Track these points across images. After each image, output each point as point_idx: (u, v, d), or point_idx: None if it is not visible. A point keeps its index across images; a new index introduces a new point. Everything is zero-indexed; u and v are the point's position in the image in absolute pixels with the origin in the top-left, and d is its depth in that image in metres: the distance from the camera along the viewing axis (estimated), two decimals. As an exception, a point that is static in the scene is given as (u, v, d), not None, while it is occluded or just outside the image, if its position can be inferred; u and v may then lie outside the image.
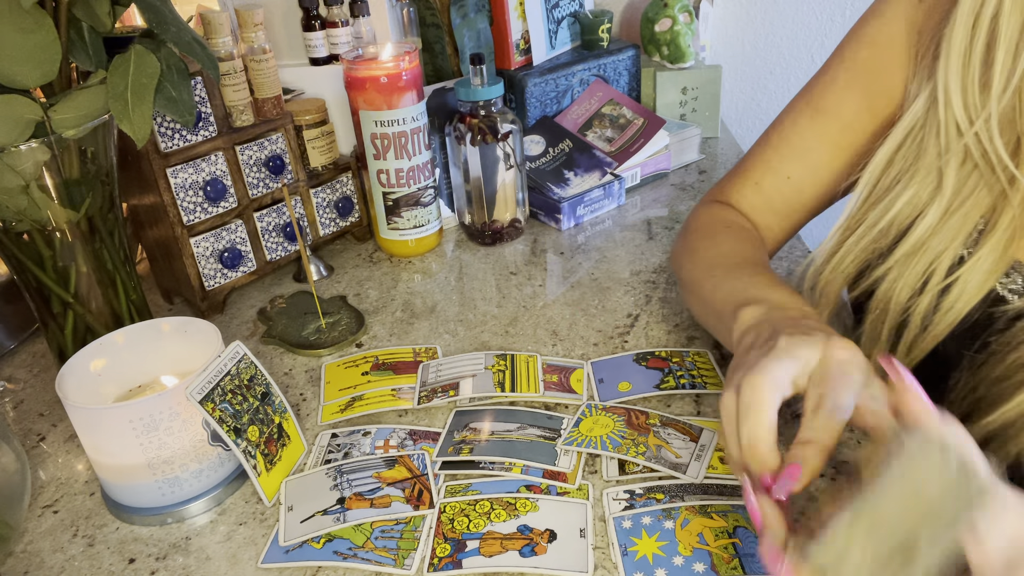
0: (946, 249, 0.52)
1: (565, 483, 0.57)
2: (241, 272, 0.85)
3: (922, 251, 0.52)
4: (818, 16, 1.32)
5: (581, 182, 0.99)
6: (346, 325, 0.79)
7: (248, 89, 0.81)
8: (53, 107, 0.58)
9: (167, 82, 0.61)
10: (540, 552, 0.51)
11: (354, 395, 0.69)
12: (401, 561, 0.52)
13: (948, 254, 0.52)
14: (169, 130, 0.75)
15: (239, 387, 0.58)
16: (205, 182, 0.79)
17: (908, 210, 0.53)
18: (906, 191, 0.53)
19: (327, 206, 0.91)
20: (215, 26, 0.76)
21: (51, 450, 0.67)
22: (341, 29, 0.89)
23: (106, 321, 0.70)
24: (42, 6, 0.55)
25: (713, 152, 1.17)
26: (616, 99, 1.08)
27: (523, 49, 1.08)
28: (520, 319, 0.79)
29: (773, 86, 1.39)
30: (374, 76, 0.82)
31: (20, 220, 0.63)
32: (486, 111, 0.88)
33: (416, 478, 0.58)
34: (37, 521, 0.59)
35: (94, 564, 0.55)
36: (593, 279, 0.86)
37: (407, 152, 0.87)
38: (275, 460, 0.60)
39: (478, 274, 0.89)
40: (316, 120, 0.87)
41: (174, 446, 0.56)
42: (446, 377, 0.70)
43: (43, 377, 0.77)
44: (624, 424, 0.61)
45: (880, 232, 0.55)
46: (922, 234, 0.52)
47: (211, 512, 0.58)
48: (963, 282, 0.51)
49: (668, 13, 1.15)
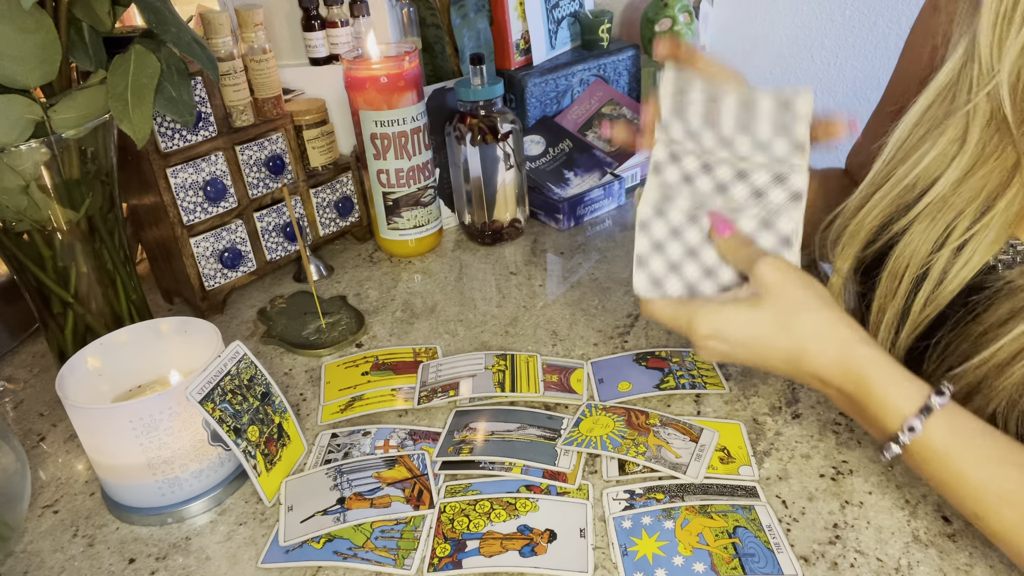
0: (968, 207, 0.53)
1: (565, 483, 0.57)
2: (241, 272, 0.85)
3: (945, 207, 0.54)
4: (818, 16, 1.32)
5: (581, 182, 0.99)
6: (346, 325, 0.79)
7: (248, 89, 0.81)
8: (53, 107, 0.58)
9: (167, 82, 0.61)
10: (540, 552, 0.51)
11: (354, 395, 0.69)
12: (401, 561, 0.52)
13: (969, 211, 0.53)
14: (169, 130, 0.75)
15: (239, 387, 0.58)
16: (205, 182, 0.79)
17: (935, 166, 0.54)
18: (934, 148, 0.54)
19: (327, 206, 0.91)
20: (215, 26, 0.76)
21: (51, 450, 0.67)
22: (341, 29, 0.89)
23: (106, 321, 0.70)
24: (42, 6, 0.55)
25: (713, 152, 1.17)
26: (616, 99, 1.08)
27: (523, 49, 1.08)
28: (520, 319, 0.79)
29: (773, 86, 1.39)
30: (374, 76, 0.82)
31: (20, 220, 0.63)
32: (486, 111, 0.88)
33: (416, 478, 0.58)
34: (37, 521, 0.59)
35: (94, 564, 0.55)
36: (593, 279, 0.86)
37: (407, 152, 0.87)
38: (275, 460, 0.60)
39: (478, 274, 0.89)
40: (316, 120, 0.87)
41: (174, 446, 0.56)
42: (446, 377, 0.70)
43: (43, 377, 0.77)
44: (624, 424, 0.61)
45: (906, 187, 0.56)
46: (947, 191, 0.54)
47: (211, 512, 0.58)
48: (977, 240, 0.52)
49: (668, 13, 1.15)
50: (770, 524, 0.52)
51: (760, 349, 0.52)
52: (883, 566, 0.49)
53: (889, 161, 0.58)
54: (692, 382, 0.67)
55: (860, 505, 0.54)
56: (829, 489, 0.56)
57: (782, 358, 0.51)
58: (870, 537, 0.51)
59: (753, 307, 0.51)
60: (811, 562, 0.50)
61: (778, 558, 0.50)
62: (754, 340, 0.51)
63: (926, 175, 0.55)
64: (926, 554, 0.50)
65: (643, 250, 0.57)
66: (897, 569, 0.49)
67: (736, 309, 0.52)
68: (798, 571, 0.49)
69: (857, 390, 0.49)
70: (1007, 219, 0.52)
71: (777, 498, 0.55)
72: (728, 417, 0.63)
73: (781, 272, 0.51)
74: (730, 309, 0.52)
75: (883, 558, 0.50)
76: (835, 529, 0.52)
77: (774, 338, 0.51)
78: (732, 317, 0.52)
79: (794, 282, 0.51)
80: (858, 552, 0.50)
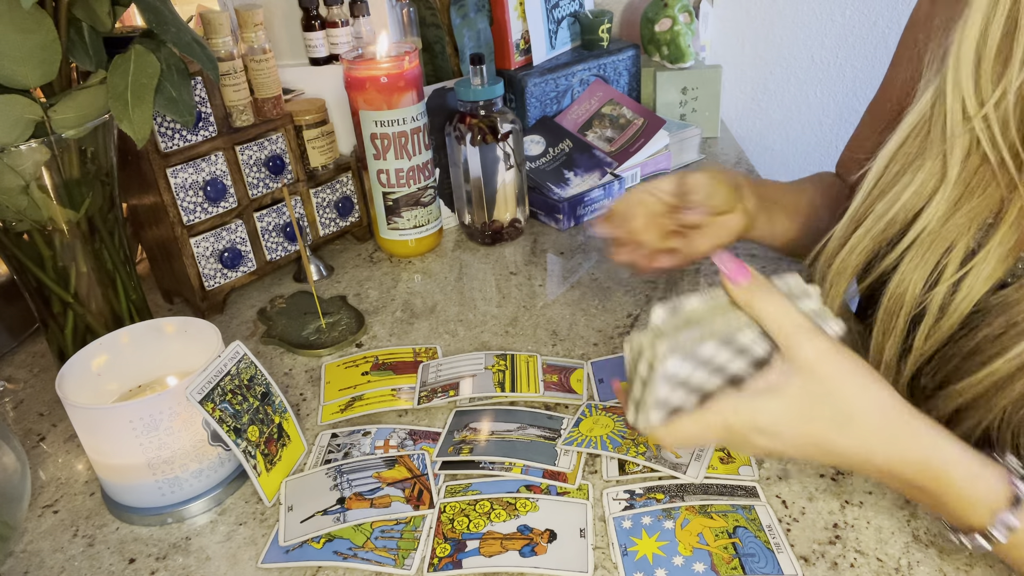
0: (958, 241, 0.52)
1: (565, 483, 0.57)
2: (241, 272, 0.85)
3: (934, 243, 0.53)
4: (818, 16, 1.32)
5: (581, 182, 0.99)
6: (346, 325, 0.79)
7: (248, 89, 0.81)
8: (53, 107, 0.58)
9: (167, 82, 0.61)
10: (540, 552, 0.51)
11: (354, 395, 0.69)
12: (401, 561, 0.52)
13: (961, 245, 0.52)
14: (169, 130, 0.75)
15: (239, 387, 0.58)
16: (205, 182, 0.79)
17: (914, 201, 0.54)
18: (912, 182, 0.54)
19: (327, 206, 0.91)
20: (215, 26, 0.76)
21: (51, 450, 0.67)
22: (341, 29, 0.89)
23: (106, 321, 0.70)
24: (42, 6, 0.55)
25: (713, 152, 1.17)
26: (616, 99, 1.08)
27: (523, 49, 1.08)
28: (520, 319, 0.79)
29: (773, 86, 1.39)
30: (374, 76, 0.82)
31: (20, 220, 0.63)
32: (486, 111, 0.88)
33: (416, 478, 0.58)
34: (37, 521, 0.59)
35: (94, 564, 0.55)
36: (593, 279, 0.86)
37: (407, 152, 0.87)
38: (275, 460, 0.60)
39: (478, 274, 0.89)
40: (316, 120, 0.87)
41: (174, 446, 0.56)
42: (446, 377, 0.70)
43: (43, 377, 0.77)
44: (624, 424, 0.61)
45: (887, 223, 0.55)
46: (934, 226, 0.53)
47: (211, 512, 0.58)
48: (975, 274, 0.51)
49: (668, 13, 1.15)
50: (770, 524, 0.52)
51: (815, 450, 0.46)
52: (883, 566, 0.49)
53: (867, 197, 0.57)
54: (692, 382, 0.67)
55: (860, 505, 0.54)
56: (829, 489, 0.56)
57: (844, 455, 0.46)
58: (870, 537, 0.51)
59: (803, 400, 0.45)
60: (811, 562, 0.50)
61: (778, 558, 0.50)
62: (806, 438, 0.46)
63: (906, 210, 0.54)
64: (926, 554, 0.50)
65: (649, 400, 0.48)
66: (897, 569, 0.49)
67: (780, 400, 0.46)
68: (798, 571, 0.49)
69: (937, 486, 0.46)
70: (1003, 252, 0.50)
71: (777, 498, 0.55)
72: (728, 417, 0.63)
73: (828, 356, 0.45)
74: (772, 401, 0.46)
75: (883, 558, 0.50)
76: (835, 529, 0.52)
77: (833, 436, 0.46)
78: (777, 410, 0.46)
79: (846, 368, 0.45)
80: (858, 552, 0.50)
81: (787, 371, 0.45)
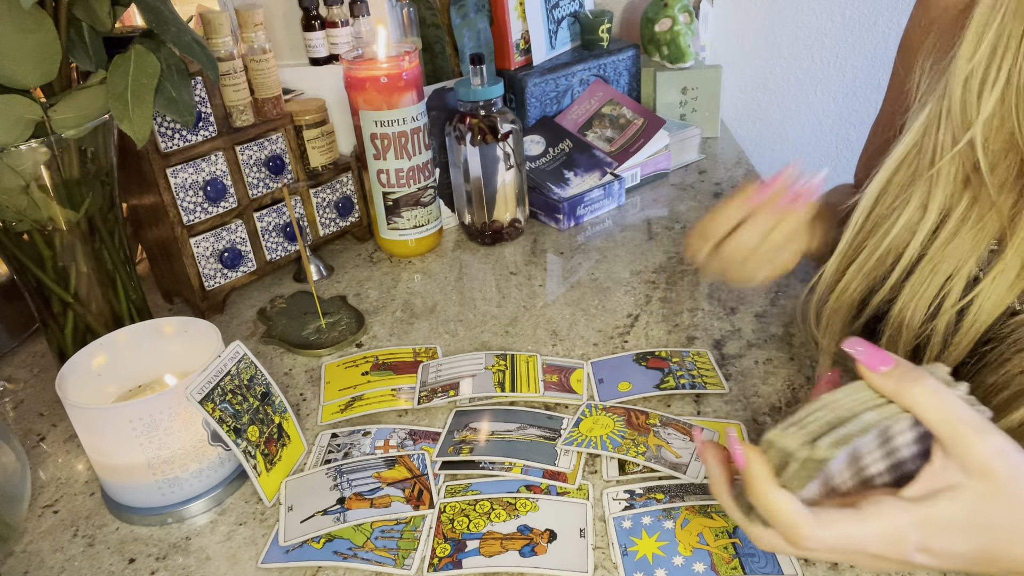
0: (958, 270, 0.51)
1: (565, 483, 0.57)
2: (241, 272, 0.85)
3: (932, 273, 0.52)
4: (818, 16, 1.32)
5: (581, 182, 0.99)
6: (346, 325, 0.79)
7: (248, 89, 0.81)
8: (53, 107, 0.58)
9: (167, 82, 0.61)
10: (540, 552, 0.51)
11: (354, 395, 0.69)
12: (401, 561, 0.52)
13: (962, 274, 0.51)
14: (169, 130, 0.75)
15: (239, 387, 0.58)
16: (205, 182, 0.79)
17: (906, 234, 0.53)
18: (903, 216, 0.53)
19: (327, 206, 0.91)
20: (215, 26, 0.76)
21: (51, 450, 0.67)
22: (341, 29, 0.89)
23: (106, 321, 0.70)
24: (42, 6, 0.55)
25: (713, 152, 1.17)
26: (616, 99, 1.08)
27: (523, 49, 1.08)
28: (520, 319, 0.79)
29: (773, 86, 1.39)
30: (374, 76, 0.82)
31: (20, 220, 0.63)
32: (486, 111, 0.88)
33: (416, 478, 0.58)
34: (37, 521, 0.59)
35: (94, 564, 0.55)
36: (593, 279, 0.86)
37: (407, 152, 0.87)
38: (275, 460, 0.60)
39: (478, 274, 0.89)
40: (316, 120, 0.87)
41: (174, 446, 0.56)
42: (446, 377, 0.70)
43: (43, 377, 0.77)
44: (624, 424, 0.61)
45: (880, 258, 0.54)
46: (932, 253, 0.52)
47: (211, 512, 0.58)
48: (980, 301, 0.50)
49: (668, 13, 1.15)
50: (770, 524, 0.52)
51: (989, 565, 0.41)
52: (883, 566, 0.49)
53: (858, 232, 0.56)
54: (692, 382, 0.67)
55: (860, 505, 0.54)
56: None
57: (1020, 565, 0.40)
58: (870, 537, 0.51)
59: (981, 506, 0.39)
60: (811, 562, 0.50)
61: (778, 558, 0.50)
62: (982, 553, 0.40)
63: (898, 244, 0.53)
64: (926, 554, 0.50)
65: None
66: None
67: (955, 505, 0.39)
68: (798, 571, 0.49)
69: None
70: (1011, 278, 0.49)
71: (777, 498, 0.55)
72: (728, 417, 0.63)
73: (1004, 455, 0.38)
74: (947, 505, 0.39)
75: (883, 558, 0.50)
76: (835, 529, 0.52)
77: (1014, 548, 0.40)
78: (953, 515, 0.39)
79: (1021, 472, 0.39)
80: (858, 552, 0.50)
81: (957, 470, 0.39)
